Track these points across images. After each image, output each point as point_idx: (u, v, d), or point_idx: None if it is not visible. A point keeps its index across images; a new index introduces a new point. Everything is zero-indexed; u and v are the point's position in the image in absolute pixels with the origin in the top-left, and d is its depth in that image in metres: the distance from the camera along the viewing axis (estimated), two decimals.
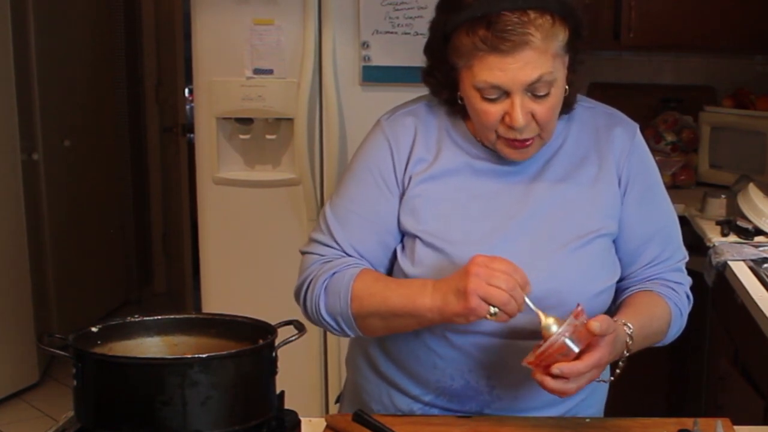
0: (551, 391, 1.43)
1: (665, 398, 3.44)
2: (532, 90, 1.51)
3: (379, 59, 3.08)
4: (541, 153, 1.62)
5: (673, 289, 1.69)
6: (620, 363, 1.54)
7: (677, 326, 1.70)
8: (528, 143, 1.56)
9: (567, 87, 1.58)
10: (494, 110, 1.53)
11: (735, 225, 2.95)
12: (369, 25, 3.07)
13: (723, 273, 2.64)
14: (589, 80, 3.91)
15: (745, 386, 2.38)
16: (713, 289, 2.78)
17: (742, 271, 2.54)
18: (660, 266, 1.69)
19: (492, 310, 1.42)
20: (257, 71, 3.13)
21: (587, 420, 1.60)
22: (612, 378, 1.59)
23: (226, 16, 3.12)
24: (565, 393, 1.44)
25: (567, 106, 1.62)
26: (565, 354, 1.42)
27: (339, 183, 1.72)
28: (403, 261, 1.63)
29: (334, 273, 1.62)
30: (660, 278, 1.69)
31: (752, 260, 2.63)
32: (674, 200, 3.65)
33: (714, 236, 2.91)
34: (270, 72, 3.13)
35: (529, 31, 1.47)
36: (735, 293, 2.48)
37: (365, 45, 3.08)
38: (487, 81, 1.50)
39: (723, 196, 3.15)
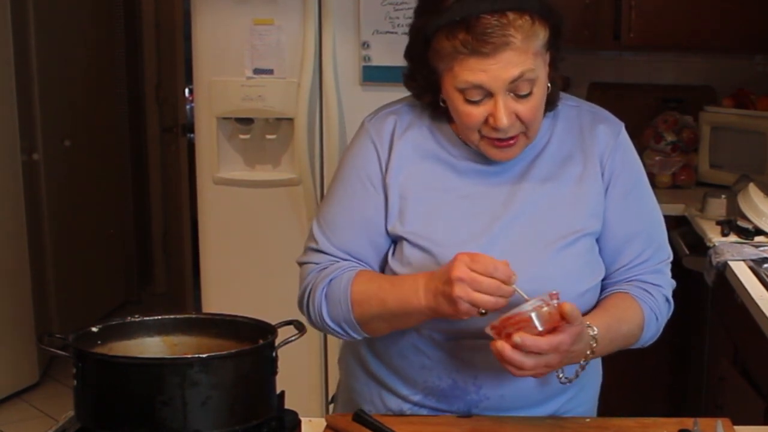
0: (507, 360, 1.41)
1: (665, 398, 3.44)
2: (514, 89, 1.50)
3: (380, 59, 3.08)
4: (525, 153, 1.62)
5: (649, 292, 1.66)
6: (581, 362, 1.52)
7: (652, 330, 1.67)
8: (512, 142, 1.56)
9: (549, 85, 1.58)
10: (477, 112, 1.53)
11: (735, 225, 2.95)
12: (369, 25, 3.07)
13: (723, 273, 2.64)
14: (589, 80, 3.90)
15: (745, 386, 2.38)
16: (713, 289, 2.78)
17: (742, 271, 2.54)
18: (639, 267, 1.67)
19: (482, 309, 1.44)
20: (257, 71, 3.13)
21: (587, 420, 1.60)
22: (576, 376, 1.55)
23: (226, 16, 3.12)
24: (520, 367, 1.42)
25: (550, 104, 1.62)
26: (528, 329, 1.40)
27: (328, 188, 1.73)
28: (393, 262, 1.64)
29: (331, 280, 1.62)
30: (637, 279, 1.67)
31: (752, 260, 2.63)
32: (674, 200, 3.64)
33: (714, 236, 2.90)
34: (270, 72, 3.13)
35: (509, 33, 1.47)
36: (735, 293, 2.48)
37: (365, 45, 3.08)
38: (468, 81, 1.50)
39: (723, 196, 3.15)
